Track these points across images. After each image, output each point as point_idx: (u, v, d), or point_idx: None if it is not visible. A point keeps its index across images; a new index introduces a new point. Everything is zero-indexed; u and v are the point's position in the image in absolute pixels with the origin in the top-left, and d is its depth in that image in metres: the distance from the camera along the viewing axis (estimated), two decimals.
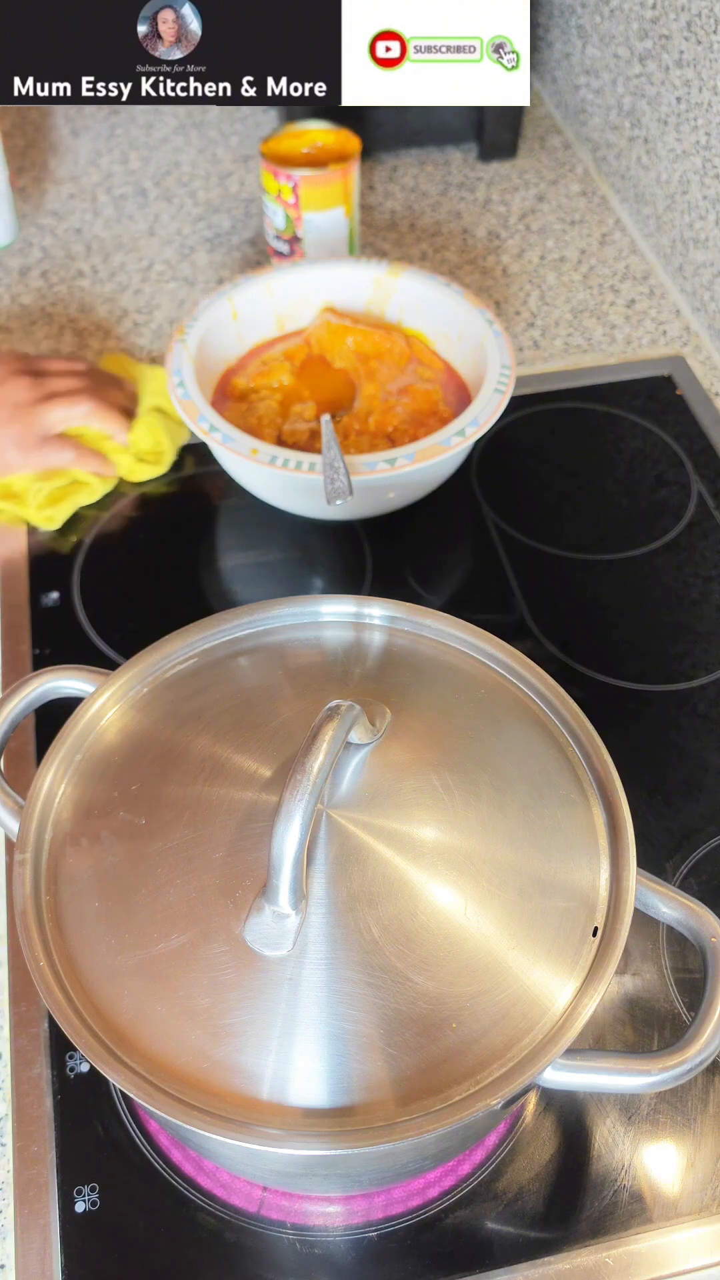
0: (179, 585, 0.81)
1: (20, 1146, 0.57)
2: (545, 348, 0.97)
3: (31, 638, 0.77)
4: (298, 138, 0.95)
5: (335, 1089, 0.43)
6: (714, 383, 0.93)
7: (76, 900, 0.48)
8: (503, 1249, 0.54)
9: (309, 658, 0.57)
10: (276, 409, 0.82)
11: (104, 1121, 0.57)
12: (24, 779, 0.67)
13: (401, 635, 0.57)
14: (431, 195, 1.11)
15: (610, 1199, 0.55)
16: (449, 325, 0.87)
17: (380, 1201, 0.55)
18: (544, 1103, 0.58)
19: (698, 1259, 0.54)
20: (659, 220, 1.02)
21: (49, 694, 0.56)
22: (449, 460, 0.78)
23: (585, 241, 1.06)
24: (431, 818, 0.48)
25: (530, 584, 0.80)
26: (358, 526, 0.83)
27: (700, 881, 0.65)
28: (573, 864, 0.49)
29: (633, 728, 0.72)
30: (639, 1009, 0.61)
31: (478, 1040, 0.44)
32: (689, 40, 0.91)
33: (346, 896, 0.46)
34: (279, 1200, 0.55)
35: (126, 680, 0.55)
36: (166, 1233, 0.54)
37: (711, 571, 0.81)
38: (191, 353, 0.81)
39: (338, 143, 0.94)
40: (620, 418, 0.91)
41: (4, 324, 0.99)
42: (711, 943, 0.47)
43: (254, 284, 0.87)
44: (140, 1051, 0.44)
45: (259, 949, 0.45)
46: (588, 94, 1.13)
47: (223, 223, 1.09)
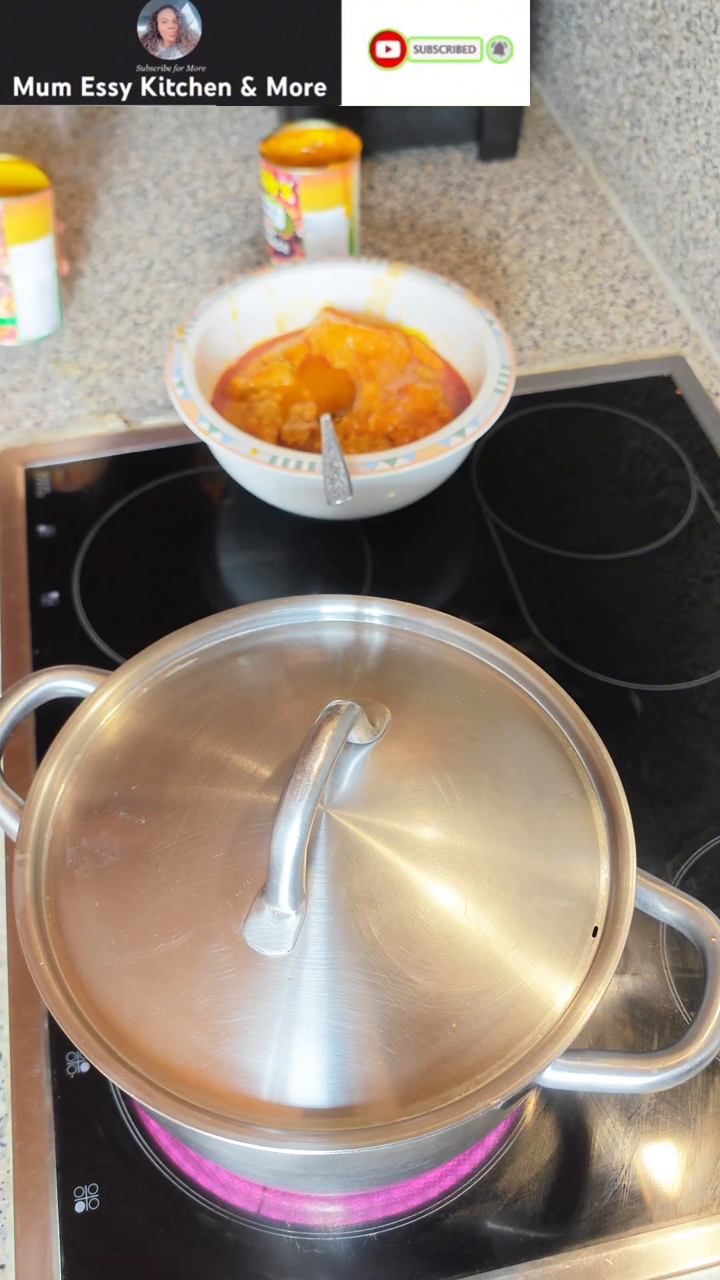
0: (179, 585, 0.81)
1: (20, 1146, 0.57)
2: (545, 348, 0.97)
3: (31, 638, 0.77)
4: (298, 138, 0.95)
5: (335, 1089, 0.43)
6: (714, 383, 0.93)
7: (76, 900, 0.48)
8: (503, 1249, 0.54)
9: (309, 658, 0.57)
10: (276, 409, 0.82)
11: (104, 1121, 0.57)
12: (24, 779, 0.67)
13: (401, 635, 0.57)
14: (431, 195, 1.11)
15: (610, 1199, 0.55)
16: (449, 325, 0.87)
17: (380, 1201, 0.55)
18: (544, 1103, 0.58)
19: (698, 1259, 0.54)
20: (659, 220, 1.02)
21: (49, 694, 0.56)
22: (449, 460, 0.78)
23: (585, 241, 1.06)
24: (431, 818, 0.48)
25: (530, 584, 0.80)
26: (358, 526, 0.83)
27: (700, 881, 0.65)
28: (573, 864, 0.49)
29: (633, 728, 0.72)
30: (639, 1009, 0.61)
31: (478, 1040, 0.44)
32: (689, 40, 0.91)
33: (346, 896, 0.46)
34: (279, 1200, 0.55)
35: (126, 680, 0.55)
36: (166, 1233, 0.54)
37: (711, 571, 0.81)
38: (191, 353, 0.81)
39: (338, 143, 0.94)
40: (620, 418, 0.91)
41: None
42: (711, 943, 0.47)
43: (254, 284, 0.87)
44: (140, 1051, 0.44)
45: (259, 949, 0.45)
46: (588, 94, 1.13)
47: (223, 223, 1.09)
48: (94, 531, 0.84)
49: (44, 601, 0.79)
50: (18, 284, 0.91)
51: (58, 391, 0.93)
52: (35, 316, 0.93)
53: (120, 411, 0.92)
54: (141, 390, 0.93)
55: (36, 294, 0.92)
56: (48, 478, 0.87)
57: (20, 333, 0.94)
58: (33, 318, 0.93)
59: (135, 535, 0.84)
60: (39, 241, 0.90)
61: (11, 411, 0.92)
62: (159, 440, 0.89)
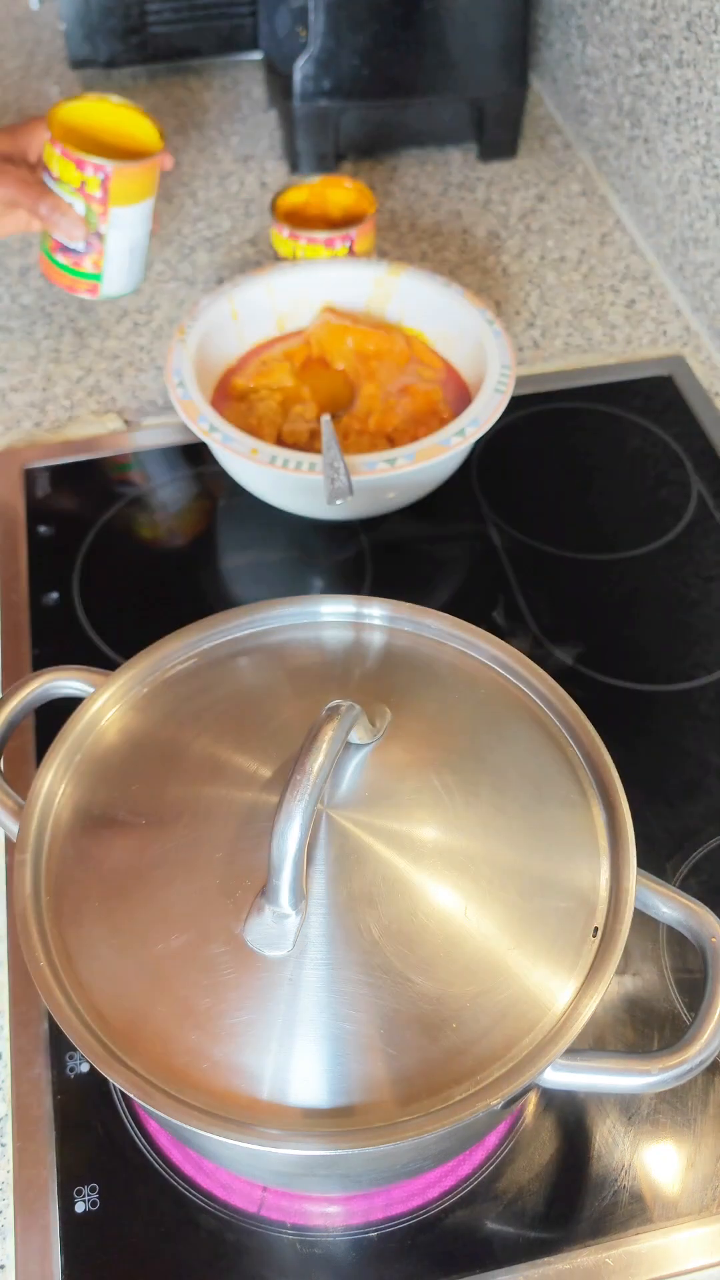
0: (179, 585, 0.81)
1: (20, 1146, 0.57)
2: (545, 348, 0.97)
3: (31, 638, 0.77)
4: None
5: (335, 1089, 0.43)
6: (714, 383, 0.93)
7: (76, 900, 0.48)
8: (503, 1249, 0.54)
9: (309, 658, 0.57)
10: (276, 409, 0.82)
11: (104, 1121, 0.57)
12: (24, 779, 0.67)
13: (401, 635, 0.57)
14: (431, 195, 1.11)
15: (610, 1199, 0.55)
16: (449, 325, 0.87)
17: (380, 1201, 0.55)
18: (544, 1103, 0.58)
19: (698, 1259, 0.54)
20: (659, 220, 1.02)
21: (49, 694, 0.56)
22: (449, 460, 0.78)
23: (585, 241, 1.06)
24: (431, 818, 0.48)
25: (530, 584, 0.80)
26: (358, 526, 0.83)
27: (700, 881, 0.65)
28: (573, 864, 0.49)
29: (633, 727, 0.72)
30: (639, 1009, 0.61)
31: (478, 1040, 0.44)
32: (689, 40, 0.91)
33: (346, 897, 0.46)
34: (279, 1200, 0.55)
35: (126, 680, 0.55)
36: (166, 1233, 0.54)
37: (711, 571, 0.81)
38: (191, 353, 0.81)
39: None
40: (620, 418, 0.91)
41: (4, 324, 0.99)
42: (711, 943, 0.47)
43: (254, 284, 0.87)
44: (140, 1051, 0.44)
45: (259, 949, 0.45)
46: (588, 94, 1.12)
47: (223, 223, 1.09)
48: (94, 531, 0.84)
49: (44, 601, 0.79)
50: (111, 243, 0.87)
51: (58, 391, 0.93)
52: (120, 275, 0.89)
53: (120, 411, 0.92)
54: (141, 390, 0.93)
55: (128, 254, 0.88)
56: (48, 478, 0.87)
57: (103, 289, 0.90)
58: (117, 276, 0.89)
59: (135, 535, 0.84)
60: (141, 204, 0.86)
61: (11, 411, 0.92)
62: (159, 440, 0.89)
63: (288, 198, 0.94)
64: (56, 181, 0.84)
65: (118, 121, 0.87)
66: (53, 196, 0.84)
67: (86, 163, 0.82)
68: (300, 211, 0.94)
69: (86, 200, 0.84)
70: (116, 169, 0.82)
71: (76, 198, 0.84)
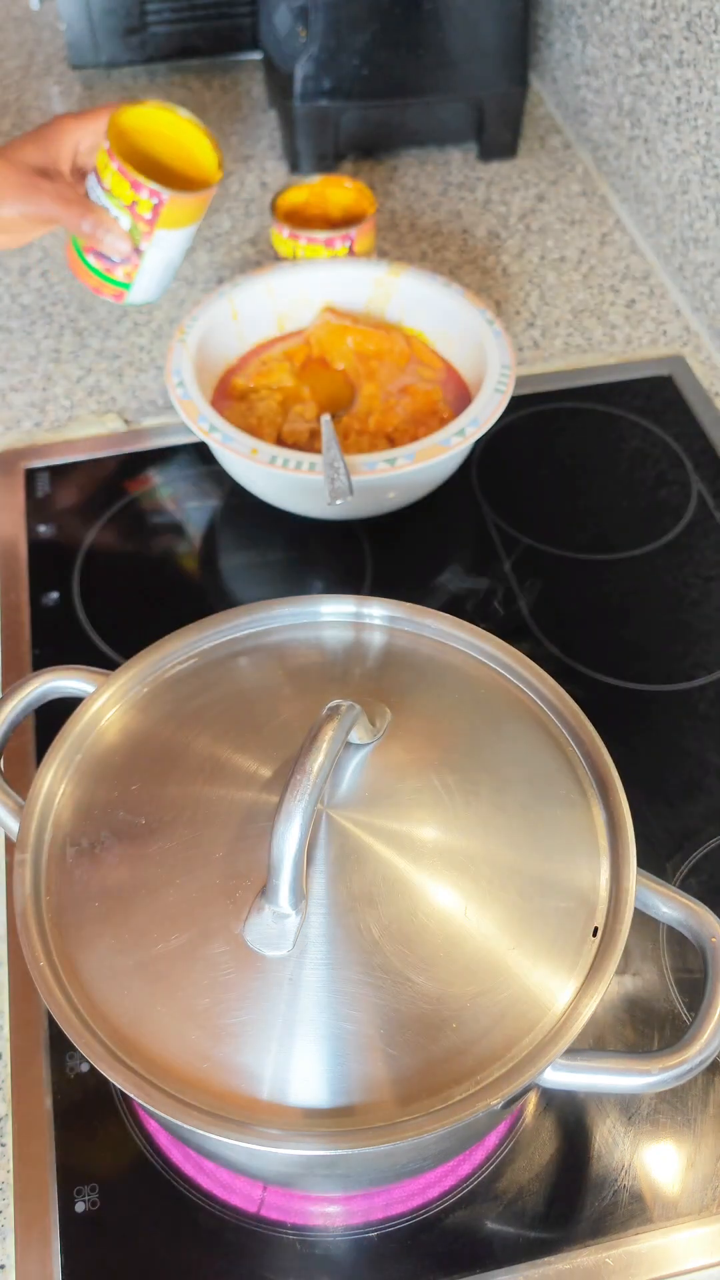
0: (179, 585, 0.81)
1: (20, 1146, 0.57)
2: (545, 348, 0.97)
3: (31, 638, 0.77)
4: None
5: (335, 1089, 0.43)
6: (714, 383, 0.93)
7: (76, 900, 0.48)
8: (503, 1249, 0.54)
9: (309, 658, 0.57)
10: (276, 409, 0.82)
11: (104, 1121, 0.57)
12: (24, 779, 0.67)
13: (401, 635, 0.57)
14: (431, 195, 1.11)
15: (610, 1199, 0.55)
16: (449, 325, 0.87)
17: (380, 1201, 0.55)
18: (544, 1103, 0.58)
19: (698, 1259, 0.54)
20: (659, 220, 1.02)
21: (49, 694, 0.56)
22: (449, 460, 0.78)
23: (585, 241, 1.06)
24: (431, 818, 0.48)
25: (530, 584, 0.80)
26: (358, 526, 0.83)
27: (700, 881, 0.65)
28: (573, 864, 0.49)
29: (633, 728, 0.72)
30: (639, 1009, 0.61)
31: (478, 1040, 0.44)
32: (689, 40, 0.91)
33: (346, 897, 0.46)
34: (279, 1200, 0.55)
35: (126, 680, 0.55)
36: (166, 1233, 0.54)
37: (711, 571, 0.81)
38: (191, 353, 0.81)
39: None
40: (620, 418, 0.91)
41: (4, 324, 0.99)
42: (711, 943, 0.47)
43: (254, 284, 0.87)
44: (140, 1051, 0.44)
45: (259, 949, 0.45)
46: (588, 94, 1.12)
47: (223, 222, 1.09)
48: (94, 531, 0.84)
49: (44, 601, 0.79)
50: (149, 259, 0.85)
51: (58, 391, 0.93)
52: (150, 286, 0.88)
53: (120, 411, 0.92)
54: (141, 390, 0.93)
55: (162, 269, 0.87)
56: (48, 478, 0.87)
57: (129, 297, 0.88)
58: (147, 287, 0.88)
59: (135, 535, 0.84)
60: (186, 229, 0.84)
61: (11, 411, 0.92)
62: (159, 440, 0.89)
63: (288, 197, 0.94)
64: (106, 193, 0.81)
65: (178, 135, 0.85)
66: (95, 212, 0.82)
67: (143, 186, 0.80)
68: (300, 211, 0.94)
69: (134, 219, 0.82)
70: (172, 198, 0.81)
71: (123, 213, 0.82)
